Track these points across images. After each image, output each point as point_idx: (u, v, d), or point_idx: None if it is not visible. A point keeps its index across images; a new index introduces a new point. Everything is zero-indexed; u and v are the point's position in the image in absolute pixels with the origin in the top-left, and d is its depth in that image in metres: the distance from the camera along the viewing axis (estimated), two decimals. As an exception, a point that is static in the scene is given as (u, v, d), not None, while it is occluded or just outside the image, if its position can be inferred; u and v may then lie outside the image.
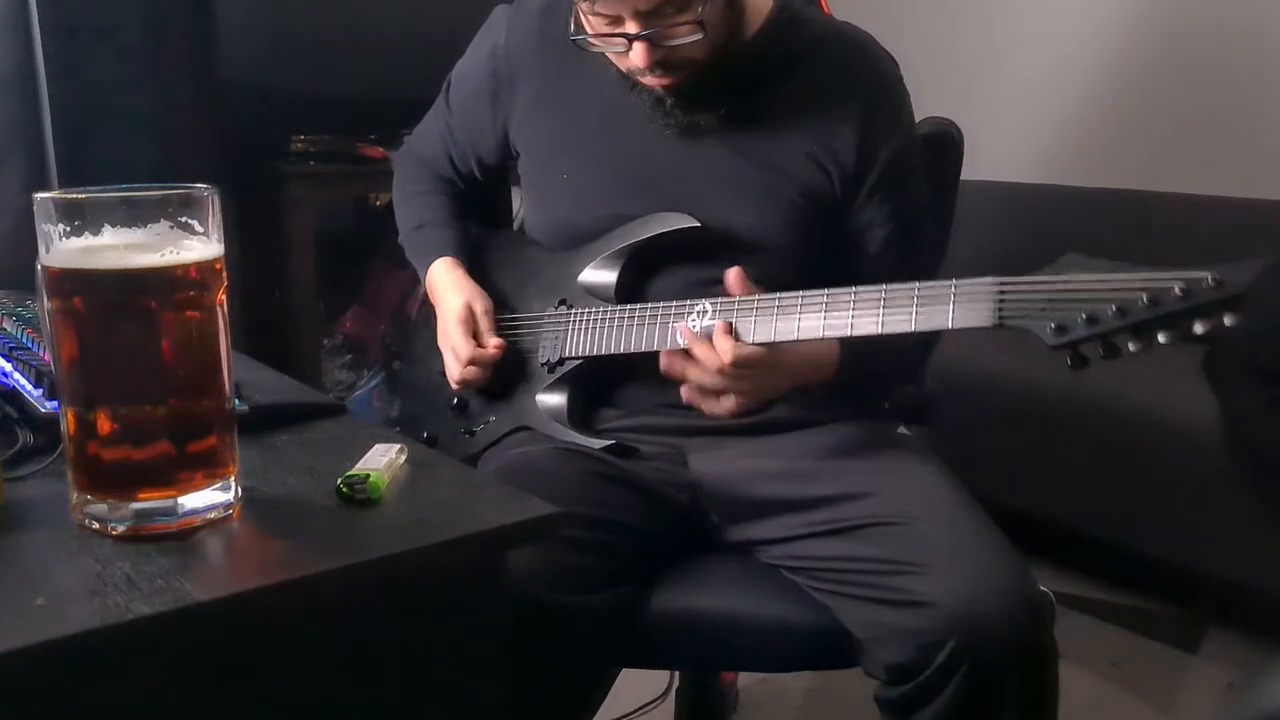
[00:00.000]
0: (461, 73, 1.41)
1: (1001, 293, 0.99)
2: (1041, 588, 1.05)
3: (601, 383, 1.28)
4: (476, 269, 1.36)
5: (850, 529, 1.12)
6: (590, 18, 1.15)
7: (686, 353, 1.14)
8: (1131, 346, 0.94)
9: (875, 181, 1.23)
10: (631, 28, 1.13)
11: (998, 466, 2.27)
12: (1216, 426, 2.02)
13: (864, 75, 1.24)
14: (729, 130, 1.23)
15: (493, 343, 1.28)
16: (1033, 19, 2.91)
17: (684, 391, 1.16)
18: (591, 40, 1.18)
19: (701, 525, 1.24)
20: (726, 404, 1.14)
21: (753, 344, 1.11)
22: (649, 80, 1.19)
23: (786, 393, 1.20)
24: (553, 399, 1.27)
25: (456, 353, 1.28)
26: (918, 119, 1.31)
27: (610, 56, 1.21)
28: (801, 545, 1.15)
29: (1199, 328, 0.92)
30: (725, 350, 1.10)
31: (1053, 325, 0.96)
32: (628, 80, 1.23)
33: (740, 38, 1.22)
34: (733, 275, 1.14)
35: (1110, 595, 2.27)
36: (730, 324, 1.12)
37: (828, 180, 1.23)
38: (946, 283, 1.02)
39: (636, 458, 1.23)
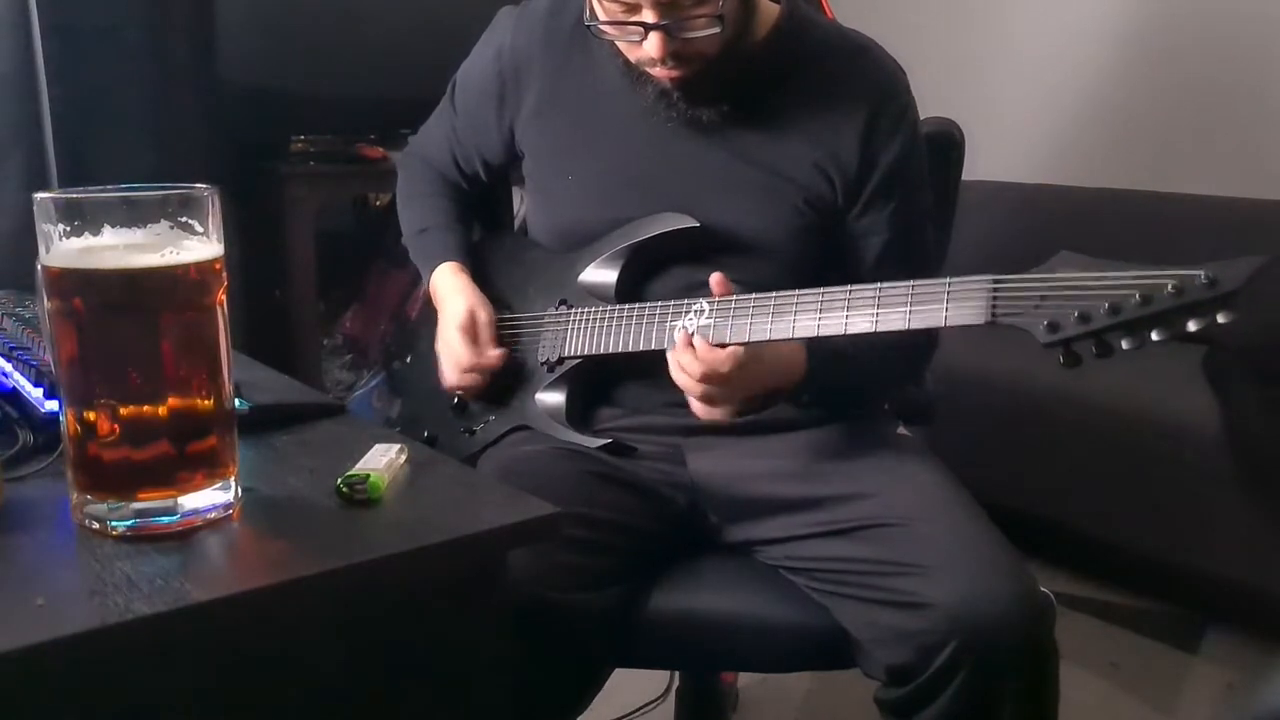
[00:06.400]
0: (467, 74, 1.40)
1: (995, 290, 0.99)
2: (1042, 588, 1.05)
3: (601, 382, 1.28)
4: (478, 270, 1.36)
5: (850, 530, 1.12)
6: (606, 4, 1.14)
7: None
8: (1125, 344, 0.94)
9: (875, 188, 1.22)
10: (649, 16, 1.11)
11: (998, 466, 2.27)
12: (1216, 426, 2.02)
13: (868, 82, 1.23)
14: (732, 131, 1.22)
15: (493, 352, 1.28)
16: (1034, 19, 2.90)
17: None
18: (604, 28, 1.16)
19: (700, 525, 1.24)
20: (716, 412, 1.14)
21: (729, 345, 1.10)
22: (658, 72, 1.18)
23: (760, 399, 1.17)
24: (552, 398, 1.27)
25: (456, 359, 1.28)
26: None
27: (621, 46, 1.20)
28: (800, 546, 1.15)
29: (1193, 325, 0.91)
30: (698, 360, 1.10)
31: (1045, 323, 0.96)
32: (632, 73, 1.22)
33: (750, 38, 1.21)
34: (715, 279, 1.13)
35: (1110, 595, 2.27)
36: (690, 335, 1.12)
37: (831, 188, 1.22)
38: (941, 280, 1.02)
39: (635, 457, 1.23)
